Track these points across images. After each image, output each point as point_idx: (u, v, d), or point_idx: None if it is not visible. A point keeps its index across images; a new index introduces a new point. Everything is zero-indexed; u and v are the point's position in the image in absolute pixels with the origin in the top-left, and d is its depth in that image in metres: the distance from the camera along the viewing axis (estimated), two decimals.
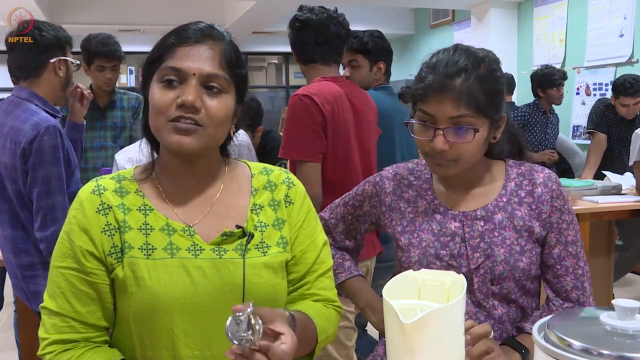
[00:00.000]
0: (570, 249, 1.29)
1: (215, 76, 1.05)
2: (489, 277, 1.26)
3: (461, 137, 1.20)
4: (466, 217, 1.29)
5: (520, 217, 1.27)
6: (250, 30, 8.40)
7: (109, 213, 1.08)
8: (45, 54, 2.10)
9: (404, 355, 0.91)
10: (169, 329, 1.05)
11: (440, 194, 1.35)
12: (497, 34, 6.79)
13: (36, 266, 2.05)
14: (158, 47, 1.08)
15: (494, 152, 1.35)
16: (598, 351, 0.81)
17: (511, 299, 1.28)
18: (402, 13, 9.35)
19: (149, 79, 1.09)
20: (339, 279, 1.47)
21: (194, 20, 1.11)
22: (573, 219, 1.30)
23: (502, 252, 1.25)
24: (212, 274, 1.07)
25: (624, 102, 4.06)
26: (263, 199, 1.17)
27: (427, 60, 1.26)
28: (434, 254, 1.29)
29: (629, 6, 5.43)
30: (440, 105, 1.19)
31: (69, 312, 1.06)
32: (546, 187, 1.28)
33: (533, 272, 1.28)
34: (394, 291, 0.99)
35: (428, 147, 1.23)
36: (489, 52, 1.27)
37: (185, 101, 1.02)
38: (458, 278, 1.02)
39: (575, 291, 1.29)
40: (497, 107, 1.24)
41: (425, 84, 1.21)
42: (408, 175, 1.39)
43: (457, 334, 0.95)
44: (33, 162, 1.95)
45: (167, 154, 1.12)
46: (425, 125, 1.22)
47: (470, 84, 1.19)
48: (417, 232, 1.32)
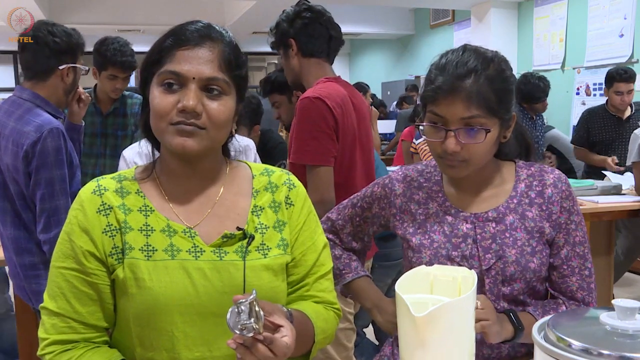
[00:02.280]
0: (577, 250, 1.29)
1: (215, 79, 1.05)
2: (500, 278, 1.26)
3: (473, 138, 1.20)
4: (477, 218, 1.30)
5: (531, 218, 1.28)
6: (250, 30, 8.40)
7: (110, 214, 1.08)
8: (55, 59, 2.08)
9: (415, 348, 0.92)
10: (169, 331, 1.05)
11: (451, 196, 1.34)
12: (497, 34, 6.80)
13: (39, 266, 2.05)
14: (157, 49, 1.07)
15: (503, 152, 1.35)
16: (598, 351, 0.81)
17: (520, 300, 1.28)
18: (402, 13, 9.35)
19: (148, 80, 1.08)
20: (346, 279, 1.47)
21: (205, 22, 1.10)
22: (581, 220, 1.31)
23: (513, 253, 1.25)
24: (213, 276, 1.07)
25: (619, 88, 4.05)
26: (264, 200, 1.17)
27: (436, 62, 1.25)
28: (445, 254, 1.29)
29: (629, 6, 5.43)
30: (451, 107, 1.19)
31: (69, 313, 1.06)
32: (556, 188, 1.29)
33: (543, 274, 1.28)
34: (407, 286, 1.01)
35: (440, 148, 1.23)
36: (497, 53, 1.27)
37: (186, 106, 1.02)
38: (469, 273, 1.03)
39: (580, 291, 1.29)
40: (507, 106, 1.24)
41: (435, 86, 1.20)
42: (418, 177, 1.39)
43: (467, 327, 0.96)
44: (36, 164, 1.95)
45: (169, 154, 1.12)
46: (436, 127, 1.22)
47: (481, 85, 1.19)
48: (428, 234, 1.32)
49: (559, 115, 5.95)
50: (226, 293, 1.06)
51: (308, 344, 1.12)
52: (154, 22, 7.80)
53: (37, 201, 1.98)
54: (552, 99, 4.59)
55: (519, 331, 1.20)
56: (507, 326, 1.20)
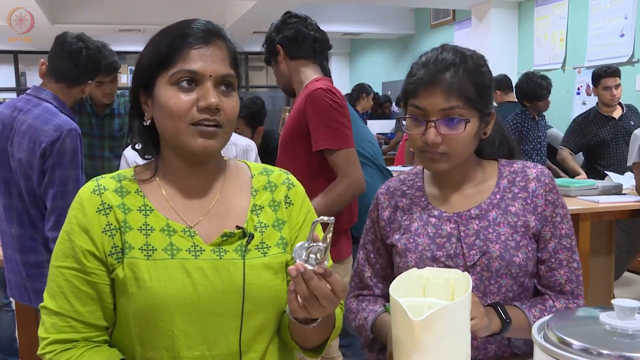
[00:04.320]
0: (564, 242, 1.31)
1: (229, 76, 1.07)
2: (486, 274, 1.27)
3: (452, 129, 1.23)
4: (461, 217, 1.31)
5: (515, 213, 1.29)
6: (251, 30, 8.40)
7: (110, 213, 1.08)
8: (91, 75, 2.26)
9: (412, 352, 0.92)
10: (168, 330, 1.05)
11: (433, 199, 1.36)
12: (497, 33, 6.79)
13: (44, 264, 2.06)
14: (164, 50, 1.06)
15: (486, 152, 1.37)
16: (598, 351, 0.81)
17: (509, 296, 1.29)
18: (403, 13, 9.35)
19: (150, 82, 1.07)
20: (369, 323, 1.36)
21: (204, 20, 1.11)
22: (567, 213, 1.33)
23: (497, 248, 1.27)
24: (213, 275, 1.07)
25: (606, 84, 4.14)
26: (263, 199, 1.17)
27: (416, 60, 1.30)
28: (430, 256, 1.30)
29: (630, 6, 5.43)
30: (430, 98, 1.22)
31: (69, 312, 1.07)
32: (539, 181, 1.31)
33: (530, 269, 1.29)
34: (400, 289, 1.00)
35: (420, 141, 1.25)
36: (474, 51, 1.32)
37: (211, 104, 1.03)
38: (462, 276, 1.03)
39: (569, 284, 1.31)
40: (486, 100, 1.28)
41: (416, 78, 1.25)
42: (400, 186, 1.42)
43: (464, 330, 0.96)
44: (52, 162, 1.97)
45: (173, 154, 1.11)
46: (417, 120, 1.25)
47: (460, 77, 1.23)
48: (413, 237, 1.33)
49: (559, 115, 5.94)
50: (226, 292, 1.06)
51: (329, 326, 1.12)
52: (154, 22, 7.79)
53: (48, 199, 2.00)
54: (553, 98, 4.59)
55: (507, 324, 1.20)
56: (495, 319, 1.20)
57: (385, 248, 1.41)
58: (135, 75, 1.11)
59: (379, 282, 1.43)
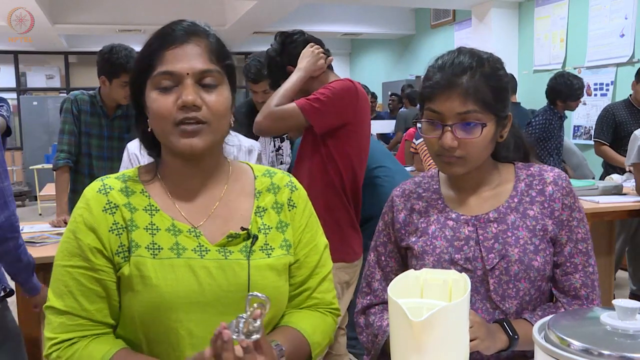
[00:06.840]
0: (580, 247, 1.29)
1: (209, 71, 1.07)
2: (504, 278, 1.26)
3: (469, 133, 1.22)
4: (479, 220, 1.30)
5: (533, 217, 1.28)
6: (251, 30, 8.41)
7: (116, 212, 1.09)
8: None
9: (411, 353, 0.92)
10: (174, 328, 1.06)
11: (450, 201, 1.35)
12: (497, 34, 6.80)
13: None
14: (145, 55, 1.09)
15: (501, 155, 1.36)
16: (598, 351, 0.81)
17: (526, 300, 1.28)
18: (403, 13, 9.36)
19: (142, 88, 1.09)
20: (380, 344, 1.33)
21: (189, 20, 1.12)
22: (583, 217, 1.31)
23: (516, 252, 1.25)
24: (218, 275, 1.07)
25: None
26: (266, 201, 1.18)
27: (432, 63, 1.29)
28: (448, 259, 1.29)
29: (630, 6, 5.44)
30: (447, 102, 1.21)
31: (77, 311, 1.07)
32: (557, 185, 1.30)
33: (547, 273, 1.28)
34: (397, 291, 1.00)
35: (437, 145, 1.24)
36: (491, 54, 1.30)
37: (186, 101, 1.04)
38: (460, 276, 1.03)
39: (584, 288, 1.29)
40: (503, 104, 1.26)
41: (432, 82, 1.24)
42: (416, 189, 1.40)
43: (463, 331, 0.96)
44: None
45: (171, 156, 1.13)
46: (433, 123, 1.24)
47: (477, 81, 1.21)
48: (430, 240, 1.32)
49: None
50: (231, 292, 1.07)
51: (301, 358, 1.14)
52: (154, 22, 7.78)
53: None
54: None
55: (514, 340, 1.20)
56: (502, 336, 1.19)
57: (398, 251, 1.40)
58: (130, 83, 1.14)
59: (387, 287, 1.41)
